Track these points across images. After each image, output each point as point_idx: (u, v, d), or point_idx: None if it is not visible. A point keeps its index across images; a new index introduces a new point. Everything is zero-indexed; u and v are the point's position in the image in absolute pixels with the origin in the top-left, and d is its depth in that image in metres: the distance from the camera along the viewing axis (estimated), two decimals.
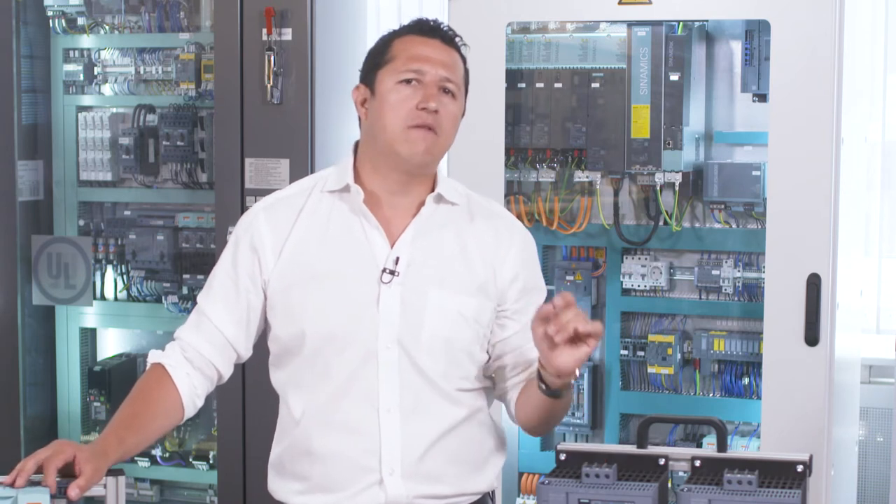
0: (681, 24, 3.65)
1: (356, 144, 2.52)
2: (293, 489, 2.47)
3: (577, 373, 2.30)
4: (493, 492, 2.56)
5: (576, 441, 3.88)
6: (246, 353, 2.51)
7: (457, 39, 2.50)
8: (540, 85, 3.81)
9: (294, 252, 2.44)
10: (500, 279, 2.47)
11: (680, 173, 3.67)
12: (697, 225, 3.79)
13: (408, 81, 2.41)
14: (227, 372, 2.50)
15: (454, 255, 2.45)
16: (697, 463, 2.29)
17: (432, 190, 2.48)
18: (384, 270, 2.41)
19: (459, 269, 2.45)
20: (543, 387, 2.34)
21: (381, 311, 2.39)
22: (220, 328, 2.46)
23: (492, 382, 2.53)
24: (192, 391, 2.44)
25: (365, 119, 2.48)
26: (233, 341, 2.47)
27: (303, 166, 3.87)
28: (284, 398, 2.49)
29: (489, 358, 2.50)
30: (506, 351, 2.49)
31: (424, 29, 2.48)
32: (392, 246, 2.43)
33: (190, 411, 2.46)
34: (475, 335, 2.45)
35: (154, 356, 2.48)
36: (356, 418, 2.40)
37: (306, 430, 2.43)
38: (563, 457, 2.34)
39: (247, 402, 3.96)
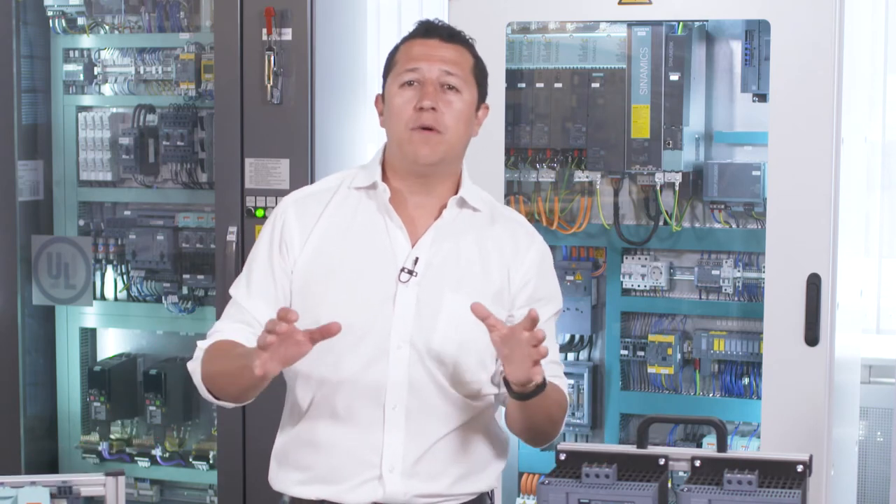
0: (681, 24, 3.65)
1: (385, 145, 2.54)
2: (294, 479, 2.48)
3: (535, 380, 2.28)
4: (492, 491, 2.57)
5: (576, 441, 3.88)
6: None
7: (460, 35, 2.51)
8: (540, 85, 3.81)
9: (318, 245, 2.46)
10: (513, 284, 2.49)
11: (680, 173, 3.67)
12: (697, 225, 3.79)
13: (409, 84, 2.43)
14: None
15: (472, 260, 2.47)
16: (697, 463, 2.29)
17: (456, 191, 2.50)
18: (402, 270, 2.42)
19: (476, 276, 2.46)
20: (508, 387, 2.34)
21: (396, 310, 2.41)
22: (262, 321, 2.42)
23: (498, 389, 2.54)
24: None
25: (382, 126, 2.52)
26: None
27: (303, 166, 3.87)
28: (292, 388, 2.50)
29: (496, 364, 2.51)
30: None
31: (422, 30, 2.49)
32: (413, 246, 2.44)
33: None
34: (487, 342, 2.43)
35: (203, 344, 2.46)
36: (362, 413, 2.42)
37: (312, 420, 2.45)
38: (563, 457, 2.34)
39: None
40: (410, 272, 2.42)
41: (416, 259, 2.43)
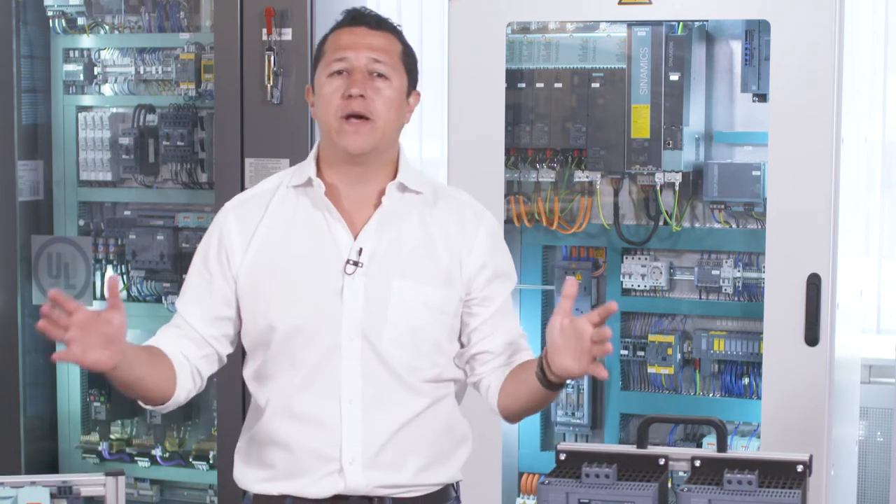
0: (681, 24, 3.65)
1: (318, 142, 2.55)
2: (257, 476, 2.51)
3: (599, 375, 2.28)
4: (457, 483, 2.58)
5: (576, 441, 3.88)
6: (225, 350, 2.53)
7: (386, 22, 2.51)
8: (540, 85, 3.81)
9: (260, 248, 2.47)
10: (467, 268, 2.48)
11: (680, 173, 3.67)
12: (697, 225, 3.79)
13: (338, 73, 2.44)
14: (208, 371, 2.53)
15: (418, 245, 2.47)
16: (697, 463, 2.29)
17: (394, 177, 2.49)
18: (348, 262, 2.43)
19: (424, 260, 2.46)
20: (541, 376, 2.35)
21: (344, 303, 2.42)
22: (197, 328, 2.48)
23: (464, 372, 2.54)
24: (181, 370, 2.46)
25: (314, 117, 2.52)
26: (211, 340, 2.50)
27: None
28: (252, 389, 2.53)
29: (462, 346, 2.52)
30: (478, 339, 2.51)
31: (349, 19, 2.50)
32: (355, 237, 2.45)
33: (181, 392, 2.46)
34: (441, 326, 2.46)
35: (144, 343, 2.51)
36: (318, 409, 2.43)
37: (270, 419, 2.47)
38: (563, 457, 2.34)
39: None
40: (356, 263, 2.43)
41: (361, 249, 2.44)
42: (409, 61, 2.51)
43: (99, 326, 2.24)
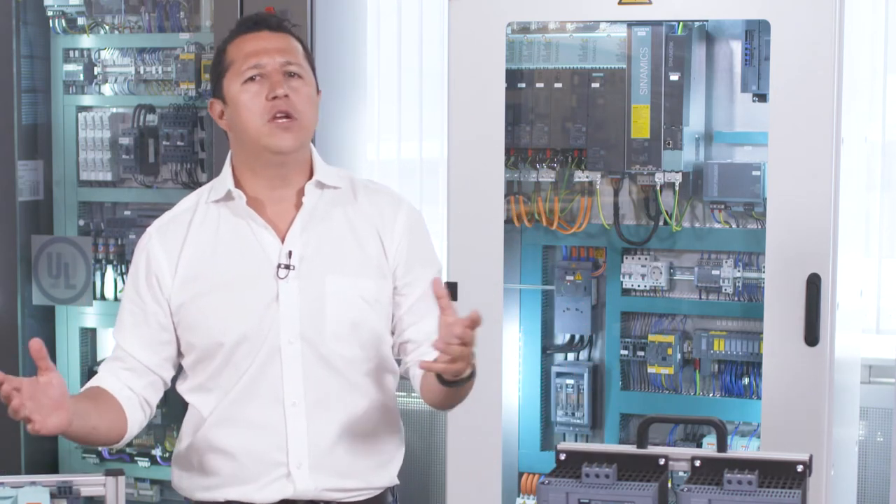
0: (681, 24, 3.65)
1: (230, 155, 2.54)
2: (201, 484, 2.50)
3: (463, 372, 2.30)
4: (395, 487, 2.59)
5: (576, 441, 3.88)
6: (169, 374, 2.54)
7: (285, 24, 2.52)
8: (540, 85, 3.81)
9: (189, 267, 2.47)
10: (389, 255, 2.50)
11: (680, 173, 3.67)
12: (697, 225, 3.79)
13: (252, 79, 2.44)
14: (155, 398, 2.53)
15: (345, 239, 2.48)
16: (697, 463, 2.29)
17: (310, 176, 2.50)
18: (279, 266, 2.43)
19: (353, 253, 2.48)
20: (439, 378, 2.36)
21: (281, 307, 2.42)
22: (138, 357, 2.49)
23: (398, 362, 2.57)
24: (129, 404, 2.47)
25: (228, 129, 2.51)
26: (154, 367, 2.50)
27: None
28: (192, 401, 2.52)
29: (392, 336, 2.54)
30: (404, 328, 2.53)
31: (249, 24, 2.50)
32: (283, 241, 2.45)
33: (133, 427, 2.47)
34: (380, 316, 2.48)
35: (87, 385, 2.51)
36: (263, 414, 2.44)
37: (213, 427, 2.47)
38: (563, 457, 2.34)
39: None
40: (287, 266, 2.43)
41: (290, 252, 2.44)
42: (311, 60, 2.53)
43: (45, 391, 2.22)
